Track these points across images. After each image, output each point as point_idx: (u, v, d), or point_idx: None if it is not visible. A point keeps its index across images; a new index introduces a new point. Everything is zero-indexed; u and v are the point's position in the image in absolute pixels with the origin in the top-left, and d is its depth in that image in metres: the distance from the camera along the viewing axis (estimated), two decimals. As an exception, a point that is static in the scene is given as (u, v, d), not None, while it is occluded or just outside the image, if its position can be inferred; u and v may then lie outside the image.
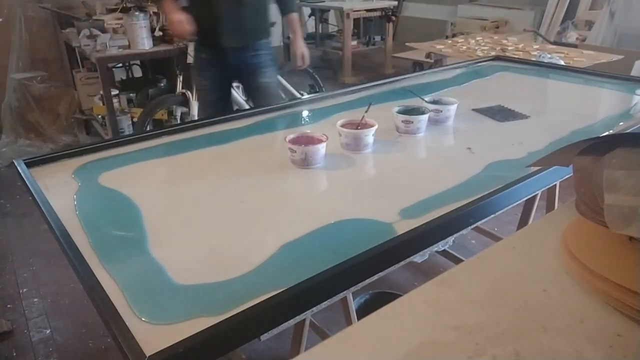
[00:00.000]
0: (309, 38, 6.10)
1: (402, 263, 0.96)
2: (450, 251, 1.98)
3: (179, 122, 3.28)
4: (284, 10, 2.32)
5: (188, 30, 2.02)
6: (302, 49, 2.36)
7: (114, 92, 3.45)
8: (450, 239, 1.09)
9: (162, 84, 3.62)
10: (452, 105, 1.59)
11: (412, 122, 1.50)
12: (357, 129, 1.40)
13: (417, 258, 1.03)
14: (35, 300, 2.16)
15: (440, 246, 1.07)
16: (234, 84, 3.47)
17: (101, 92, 3.40)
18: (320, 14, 5.99)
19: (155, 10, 3.29)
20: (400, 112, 1.52)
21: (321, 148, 1.30)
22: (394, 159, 1.39)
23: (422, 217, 1.03)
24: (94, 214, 1.09)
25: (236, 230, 1.05)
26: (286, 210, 1.13)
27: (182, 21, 2.00)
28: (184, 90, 3.08)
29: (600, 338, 0.60)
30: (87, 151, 1.42)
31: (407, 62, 4.56)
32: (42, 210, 1.08)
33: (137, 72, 4.06)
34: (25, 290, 2.22)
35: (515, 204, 1.19)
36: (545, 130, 1.53)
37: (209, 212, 1.13)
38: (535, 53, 3.03)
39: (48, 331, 1.98)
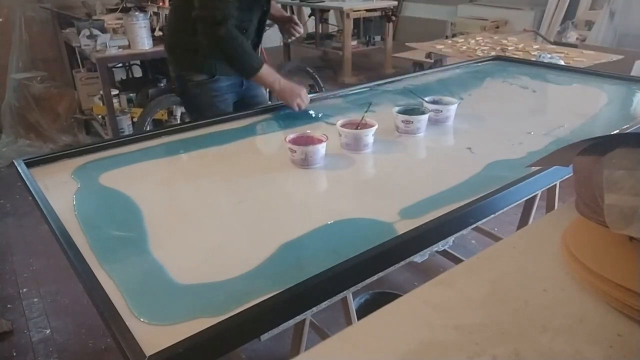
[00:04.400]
0: (309, 38, 6.09)
1: (402, 263, 0.96)
2: (450, 251, 1.98)
3: (179, 122, 3.28)
4: None
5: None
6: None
7: (114, 92, 3.44)
8: (450, 239, 1.08)
9: (162, 84, 3.62)
10: (452, 105, 1.59)
11: (412, 122, 1.50)
12: (357, 129, 1.40)
13: (417, 258, 1.03)
14: (35, 300, 2.15)
15: (440, 246, 1.07)
16: None
17: (101, 92, 3.39)
18: (320, 14, 5.98)
19: (155, 10, 3.29)
20: (400, 112, 1.52)
21: (321, 148, 1.30)
22: (394, 159, 1.39)
23: (422, 217, 1.03)
24: (94, 214, 1.09)
25: (236, 230, 1.05)
26: (286, 210, 1.13)
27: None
28: (183, 91, 3.07)
29: (600, 338, 0.60)
30: (87, 151, 1.42)
31: (407, 62, 4.55)
32: (42, 210, 1.08)
33: (137, 72, 4.05)
34: (25, 290, 2.22)
35: (515, 204, 1.19)
36: (545, 130, 1.53)
37: (209, 212, 1.13)
38: (535, 53, 3.03)
39: (48, 331, 1.98)
